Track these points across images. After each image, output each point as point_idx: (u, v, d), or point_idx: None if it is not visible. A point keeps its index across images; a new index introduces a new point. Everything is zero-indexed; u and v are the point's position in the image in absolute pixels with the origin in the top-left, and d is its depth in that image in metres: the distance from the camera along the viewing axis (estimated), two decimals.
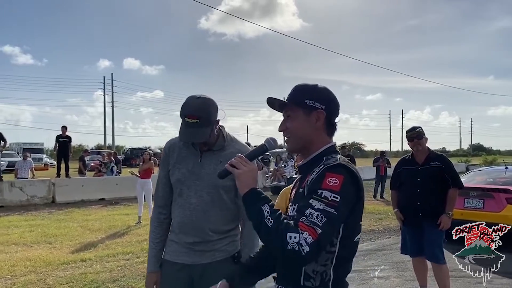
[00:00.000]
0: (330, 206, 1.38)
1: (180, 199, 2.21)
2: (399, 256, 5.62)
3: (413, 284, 4.89)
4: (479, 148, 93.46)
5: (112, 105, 51.54)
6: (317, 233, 1.34)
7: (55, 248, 6.94)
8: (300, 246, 1.32)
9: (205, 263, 2.20)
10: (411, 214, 4.35)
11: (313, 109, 1.58)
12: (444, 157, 4.49)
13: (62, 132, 14.92)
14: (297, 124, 1.60)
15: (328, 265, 1.49)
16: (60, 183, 13.42)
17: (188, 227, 2.19)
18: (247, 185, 1.50)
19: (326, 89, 1.64)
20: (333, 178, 1.42)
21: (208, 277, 2.15)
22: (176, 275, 2.23)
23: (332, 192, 1.39)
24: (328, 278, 1.49)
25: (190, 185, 2.19)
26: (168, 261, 2.27)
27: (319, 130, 1.60)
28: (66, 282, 5.06)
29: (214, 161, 2.20)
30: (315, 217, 1.36)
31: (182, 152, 2.24)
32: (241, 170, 1.53)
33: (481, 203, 6.73)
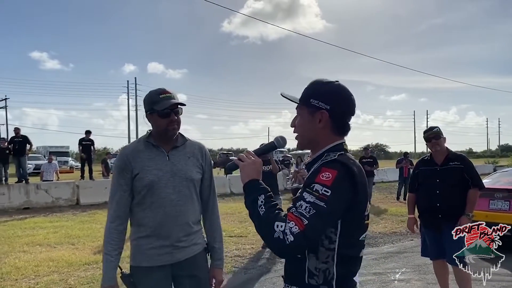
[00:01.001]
0: (319, 199, 1.38)
1: (156, 199, 2.23)
2: (421, 259, 5.50)
3: (434, 287, 4.79)
4: (508, 148, 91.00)
5: (136, 109, 52.43)
6: (303, 223, 1.36)
7: (77, 249, 7.07)
8: (285, 235, 1.36)
9: (186, 258, 2.29)
10: (431, 216, 4.26)
11: (317, 109, 1.57)
12: (463, 157, 4.38)
13: (86, 135, 15.26)
14: (302, 123, 1.62)
15: (330, 262, 1.48)
16: (84, 185, 13.70)
17: (170, 224, 2.24)
18: (248, 176, 1.57)
19: (337, 88, 1.61)
20: (327, 173, 1.43)
21: (188, 271, 2.30)
22: (159, 279, 2.27)
23: (324, 186, 1.40)
24: (331, 277, 1.48)
25: (167, 183, 2.24)
26: (146, 267, 2.26)
27: (324, 130, 1.58)
28: (87, 282, 5.14)
29: (183, 157, 2.32)
30: (303, 209, 1.38)
31: (146, 155, 2.27)
32: (245, 162, 1.61)
33: (507, 204, 6.54)
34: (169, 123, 2.24)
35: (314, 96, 1.57)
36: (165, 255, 2.26)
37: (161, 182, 2.24)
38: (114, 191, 2.29)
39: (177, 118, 2.28)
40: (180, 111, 2.30)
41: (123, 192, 2.27)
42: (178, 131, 2.33)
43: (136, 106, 52.45)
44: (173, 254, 2.27)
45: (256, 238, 7.73)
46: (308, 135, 1.62)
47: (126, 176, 2.25)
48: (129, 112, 53.00)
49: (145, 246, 2.27)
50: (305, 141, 1.64)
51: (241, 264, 6.05)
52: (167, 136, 2.29)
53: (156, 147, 2.30)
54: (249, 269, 5.84)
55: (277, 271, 5.77)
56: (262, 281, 5.34)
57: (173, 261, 2.28)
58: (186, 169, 2.31)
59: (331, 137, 1.59)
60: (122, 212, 2.28)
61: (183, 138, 2.39)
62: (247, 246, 6.92)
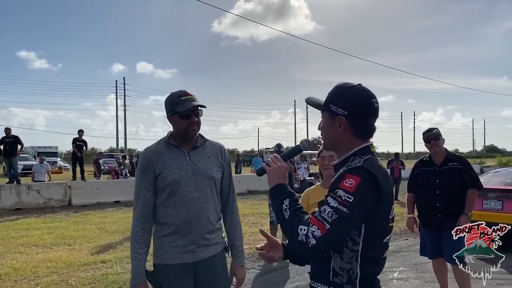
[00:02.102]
0: (342, 205, 1.44)
1: (179, 198, 2.29)
2: (417, 257, 5.62)
3: (432, 285, 4.89)
4: (493, 149, 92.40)
5: (124, 109, 52.07)
6: (325, 228, 1.42)
7: (74, 250, 7.05)
8: (308, 238, 1.43)
9: (208, 257, 2.36)
10: (431, 216, 4.35)
11: (336, 114, 1.61)
12: (462, 158, 4.48)
13: (79, 135, 15.16)
14: (325, 128, 1.68)
15: (354, 263, 1.53)
16: (76, 186, 13.61)
17: (192, 221, 2.30)
18: (274, 181, 1.64)
19: (356, 92, 1.62)
20: (350, 179, 1.47)
21: (211, 271, 2.36)
22: (181, 276, 2.32)
23: (347, 192, 1.45)
24: (355, 276, 1.53)
25: (188, 182, 2.30)
26: (169, 265, 2.32)
27: (344, 134, 1.61)
28: (88, 283, 5.14)
29: (203, 156, 2.39)
30: (326, 213, 1.44)
31: (168, 155, 2.34)
32: (271, 167, 1.68)
33: (500, 204, 6.69)
34: (189, 124, 2.30)
35: (333, 102, 1.62)
36: (188, 253, 2.32)
37: (183, 181, 2.30)
38: (138, 190, 2.35)
39: (197, 120, 2.34)
40: (201, 112, 2.37)
41: (147, 191, 2.32)
42: (198, 132, 2.39)
43: (124, 106, 52.12)
44: (196, 252, 2.32)
45: (253, 239, 7.79)
46: (330, 138, 1.67)
47: (149, 176, 2.31)
48: (117, 112, 52.59)
49: (168, 244, 2.32)
50: (329, 144, 1.71)
51: None
52: (188, 136, 2.35)
53: (177, 147, 2.36)
54: (249, 269, 5.88)
55: (276, 271, 5.83)
56: (262, 281, 5.39)
57: (195, 259, 2.33)
58: (207, 168, 2.38)
59: (353, 141, 1.62)
60: (146, 211, 2.33)
61: (202, 138, 2.46)
62: (245, 247, 6.93)
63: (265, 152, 47.23)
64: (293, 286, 5.09)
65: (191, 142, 2.39)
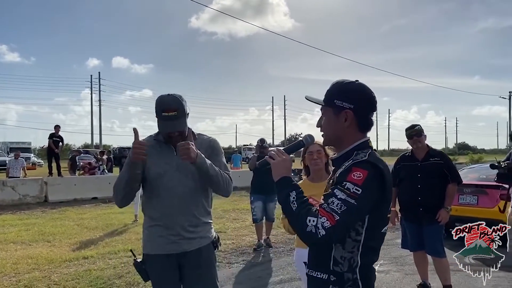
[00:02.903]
0: (351, 197, 1.49)
1: (162, 191, 2.38)
2: (397, 251, 5.77)
3: (413, 277, 5.03)
4: (465, 147, 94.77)
5: (99, 104, 51.11)
6: (335, 219, 1.47)
7: (54, 246, 6.94)
8: (317, 229, 1.47)
9: (192, 250, 2.41)
10: (412, 209, 4.47)
11: (342, 109, 1.67)
12: (443, 154, 4.64)
13: (56, 131, 14.87)
14: (329, 124, 1.72)
15: (355, 252, 1.60)
16: (52, 182, 13.35)
17: (175, 214, 2.38)
18: (279, 174, 1.67)
19: (359, 87, 1.71)
20: (358, 173, 1.54)
21: (195, 263, 2.43)
22: (166, 267, 2.41)
23: (355, 185, 1.51)
24: (355, 265, 1.60)
25: (172, 176, 2.38)
26: (155, 255, 2.42)
27: (349, 128, 1.68)
28: (72, 279, 5.08)
29: None
30: (335, 205, 1.49)
31: (156, 150, 2.42)
32: (276, 160, 1.70)
33: (475, 199, 6.92)
34: (169, 138, 2.41)
35: (338, 97, 1.68)
36: (172, 244, 2.40)
37: (167, 175, 2.39)
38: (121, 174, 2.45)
39: (177, 134, 2.38)
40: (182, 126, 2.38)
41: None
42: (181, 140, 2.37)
43: (99, 102, 51.14)
44: (179, 244, 2.40)
45: (236, 234, 7.83)
46: (334, 134, 1.72)
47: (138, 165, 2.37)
48: (92, 107, 51.54)
49: (154, 235, 2.43)
50: (332, 140, 1.75)
51: (224, 258, 6.13)
52: (171, 143, 2.42)
53: (165, 143, 2.45)
54: (233, 263, 5.93)
55: (260, 265, 5.89)
56: (247, 274, 5.44)
57: (179, 250, 2.41)
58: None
59: (356, 135, 1.70)
60: None
61: (193, 135, 2.52)
62: (228, 242, 6.99)
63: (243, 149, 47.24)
64: (277, 280, 5.15)
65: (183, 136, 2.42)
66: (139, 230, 8.13)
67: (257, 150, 7.40)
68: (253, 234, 7.41)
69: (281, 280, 5.12)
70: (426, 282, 4.62)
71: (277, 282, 5.07)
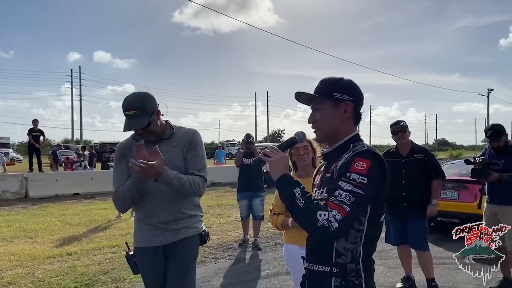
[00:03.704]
0: (357, 187, 1.51)
1: (147, 188, 2.41)
2: (381, 245, 5.80)
3: (396, 271, 5.13)
4: (444, 143, 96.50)
5: (80, 99, 50.22)
6: (345, 211, 1.48)
7: (37, 243, 6.85)
8: (330, 222, 1.47)
9: (176, 240, 2.50)
10: (396, 205, 4.54)
11: (341, 101, 1.70)
12: (427, 150, 4.73)
13: (34, 126, 14.60)
14: (327, 116, 1.72)
15: (358, 242, 1.62)
16: (33, 178, 13.11)
17: (160, 211, 2.46)
18: (279, 171, 1.65)
19: (352, 82, 1.77)
20: (361, 163, 1.56)
21: (179, 251, 2.51)
22: (153, 260, 2.51)
23: (360, 175, 1.53)
24: (358, 255, 1.62)
25: None
26: (142, 248, 2.52)
27: (347, 121, 1.72)
28: (56, 275, 5.03)
29: (169, 146, 2.48)
30: (343, 197, 1.50)
31: None
32: (273, 158, 1.67)
33: (456, 194, 7.08)
34: (139, 134, 2.44)
35: (337, 90, 1.70)
36: (158, 237, 2.48)
37: None
38: (114, 178, 2.53)
39: (143, 131, 2.39)
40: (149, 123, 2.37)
41: (121, 177, 2.48)
42: (152, 137, 2.44)
43: (80, 96, 50.26)
44: (164, 235, 2.48)
45: (221, 229, 7.85)
46: (331, 127, 1.72)
47: (122, 166, 2.49)
48: (72, 102, 50.56)
49: (141, 228, 2.53)
50: (328, 133, 1.75)
51: (210, 254, 6.13)
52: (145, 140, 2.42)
53: (145, 142, 2.42)
54: (219, 259, 5.94)
55: (247, 260, 5.93)
56: (233, 269, 5.46)
57: (165, 242, 2.49)
58: (173, 158, 2.44)
59: (351, 127, 1.74)
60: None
61: (171, 128, 2.54)
62: (213, 237, 6.99)
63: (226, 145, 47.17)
64: (263, 274, 5.19)
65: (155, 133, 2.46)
66: (123, 226, 8.14)
67: (243, 145, 7.23)
68: (238, 229, 7.44)
69: (267, 275, 5.16)
70: (410, 276, 4.71)
71: (264, 276, 5.11)
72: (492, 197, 4.50)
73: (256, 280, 5.00)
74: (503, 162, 4.30)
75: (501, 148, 4.39)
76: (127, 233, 7.37)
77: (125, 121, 2.37)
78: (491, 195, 4.51)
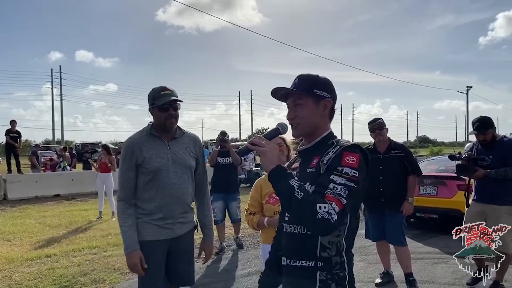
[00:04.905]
0: (351, 180, 1.53)
1: (161, 183, 2.60)
2: (360, 241, 5.92)
3: (376, 266, 5.19)
4: (425, 140, 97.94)
5: (60, 99, 49.48)
6: (342, 203, 1.48)
7: (15, 245, 6.73)
8: (330, 215, 1.45)
9: (182, 234, 2.69)
10: (374, 201, 4.59)
11: (322, 98, 1.72)
12: (404, 146, 4.79)
13: (12, 126, 14.30)
14: (307, 112, 1.72)
15: (341, 235, 1.64)
16: (12, 179, 12.86)
17: (173, 204, 2.63)
18: (273, 162, 1.58)
19: (329, 80, 1.79)
20: (351, 157, 1.58)
21: (180, 246, 2.70)
22: (160, 251, 2.62)
23: (352, 168, 1.55)
24: (342, 248, 1.65)
25: (169, 169, 2.62)
26: (150, 241, 2.60)
27: (325, 117, 1.75)
28: (34, 278, 4.95)
29: (181, 146, 2.71)
30: (339, 190, 1.50)
31: (150, 145, 2.63)
32: (266, 148, 1.60)
33: (435, 190, 7.18)
34: (167, 117, 2.60)
35: (317, 87, 1.72)
36: (167, 230, 2.63)
37: (164, 169, 2.61)
38: (121, 173, 2.64)
39: (174, 113, 2.62)
40: (178, 106, 2.64)
41: (128, 177, 2.61)
42: (176, 125, 2.67)
43: (61, 96, 49.54)
44: (173, 229, 2.65)
45: None
46: (312, 122, 1.73)
47: (132, 162, 2.60)
48: (53, 102, 49.75)
49: (151, 222, 2.61)
50: (308, 129, 1.74)
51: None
52: (166, 128, 2.64)
53: (158, 138, 2.65)
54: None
55: (228, 258, 5.92)
56: (215, 268, 5.47)
57: (173, 235, 2.63)
58: (185, 157, 2.71)
59: (327, 124, 1.77)
60: (130, 192, 2.62)
61: (181, 130, 2.76)
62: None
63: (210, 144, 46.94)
64: (245, 273, 5.19)
65: (170, 133, 2.68)
66: (104, 227, 8.06)
67: (217, 143, 6.73)
68: None
69: (248, 273, 5.17)
70: (389, 271, 4.78)
71: (245, 274, 5.12)
72: (479, 195, 4.30)
73: (237, 278, 5.00)
74: (491, 158, 4.14)
75: (489, 143, 4.21)
76: (108, 234, 7.30)
77: (162, 98, 2.56)
78: (478, 193, 4.32)
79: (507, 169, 4.02)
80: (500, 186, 4.09)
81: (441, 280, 4.75)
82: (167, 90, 2.60)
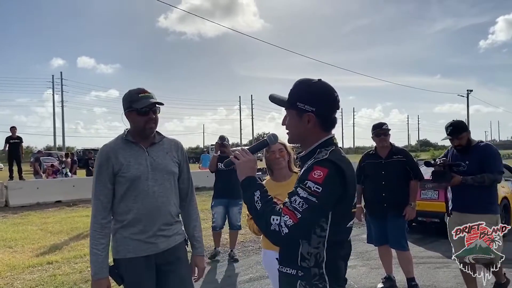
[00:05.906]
0: (311, 195, 1.54)
1: (139, 192, 2.34)
2: (363, 246, 5.92)
3: (378, 271, 5.17)
4: (426, 143, 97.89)
5: (62, 105, 49.78)
6: (297, 217, 1.52)
7: (16, 252, 6.72)
8: (280, 227, 1.52)
9: (168, 248, 2.42)
10: (377, 205, 4.61)
11: (304, 111, 1.69)
12: (405, 151, 4.80)
13: (12, 133, 14.36)
14: (292, 124, 1.75)
15: (321, 247, 1.65)
16: (13, 186, 12.85)
17: (153, 214, 2.37)
18: (244, 174, 1.70)
19: (321, 88, 1.72)
20: (319, 171, 1.58)
21: (172, 261, 2.42)
22: (145, 269, 2.36)
23: (315, 183, 1.55)
24: (322, 260, 1.65)
25: (148, 177, 2.37)
26: (131, 258, 2.35)
27: (313, 129, 1.71)
28: (36, 285, 4.94)
29: (161, 152, 2.47)
30: (297, 203, 1.54)
31: (127, 152, 2.39)
32: (240, 160, 1.73)
33: (436, 194, 7.17)
34: (147, 121, 2.37)
35: (300, 100, 1.70)
36: (150, 245, 2.36)
37: (143, 176, 2.36)
38: (95, 187, 2.37)
39: (155, 117, 2.40)
40: (158, 110, 2.43)
41: (104, 187, 2.35)
42: (155, 129, 2.45)
43: (62, 102, 49.82)
44: (156, 244, 2.37)
45: (204, 234, 7.76)
46: (298, 133, 1.75)
47: (108, 171, 2.34)
48: (54, 108, 50.09)
49: (130, 237, 2.35)
50: (296, 138, 1.79)
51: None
52: (145, 133, 2.41)
53: (135, 144, 2.42)
54: None
55: (230, 264, 5.91)
56: (216, 274, 5.46)
57: (157, 251, 2.38)
58: (166, 163, 2.45)
59: (320, 134, 1.73)
60: (104, 207, 2.35)
61: (160, 135, 2.53)
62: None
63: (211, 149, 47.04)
64: (246, 278, 5.19)
65: (149, 139, 2.45)
66: None
67: (216, 149, 6.59)
68: None
69: (250, 279, 5.16)
70: (391, 276, 4.77)
71: (247, 280, 5.11)
72: (457, 204, 4.00)
73: (239, 284, 5.00)
74: (467, 164, 3.90)
75: (465, 148, 3.97)
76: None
77: (139, 102, 2.34)
78: (455, 201, 4.02)
79: (484, 175, 3.77)
80: (479, 193, 3.83)
81: (443, 285, 4.74)
82: (146, 92, 2.38)
